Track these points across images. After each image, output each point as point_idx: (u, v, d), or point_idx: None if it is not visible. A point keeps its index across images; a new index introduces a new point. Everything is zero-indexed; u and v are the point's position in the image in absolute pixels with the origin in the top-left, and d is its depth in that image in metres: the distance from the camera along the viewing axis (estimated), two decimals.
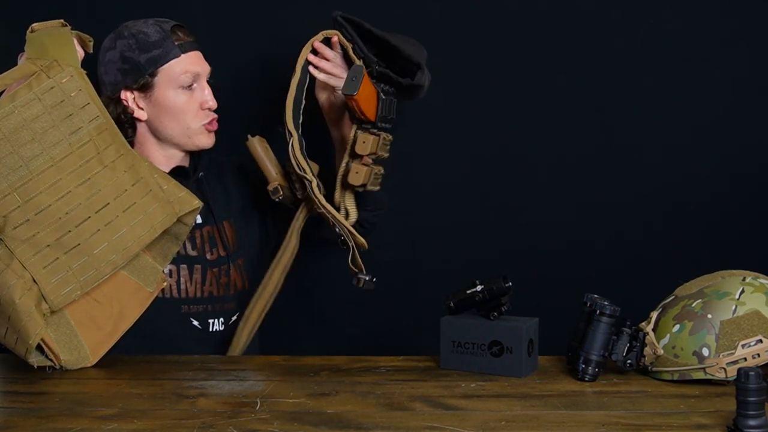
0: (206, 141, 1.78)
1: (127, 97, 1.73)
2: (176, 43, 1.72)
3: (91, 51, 1.61)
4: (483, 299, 1.50)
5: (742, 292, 1.41)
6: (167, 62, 1.71)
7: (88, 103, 1.52)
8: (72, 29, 1.58)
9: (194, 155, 1.83)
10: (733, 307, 1.39)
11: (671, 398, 1.33)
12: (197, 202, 1.58)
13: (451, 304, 1.54)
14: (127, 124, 1.74)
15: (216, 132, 1.80)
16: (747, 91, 2.07)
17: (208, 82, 1.77)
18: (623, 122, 2.08)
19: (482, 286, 1.50)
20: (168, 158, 1.78)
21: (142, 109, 1.74)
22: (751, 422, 1.13)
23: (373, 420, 1.24)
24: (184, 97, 1.73)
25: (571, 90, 2.08)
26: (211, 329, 1.77)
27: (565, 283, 2.02)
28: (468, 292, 1.51)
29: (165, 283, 1.62)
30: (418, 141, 2.09)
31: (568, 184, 2.09)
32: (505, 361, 1.47)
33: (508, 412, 1.27)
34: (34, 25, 1.55)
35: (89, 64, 1.65)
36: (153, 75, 1.71)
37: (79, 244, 1.47)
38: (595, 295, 1.46)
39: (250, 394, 1.37)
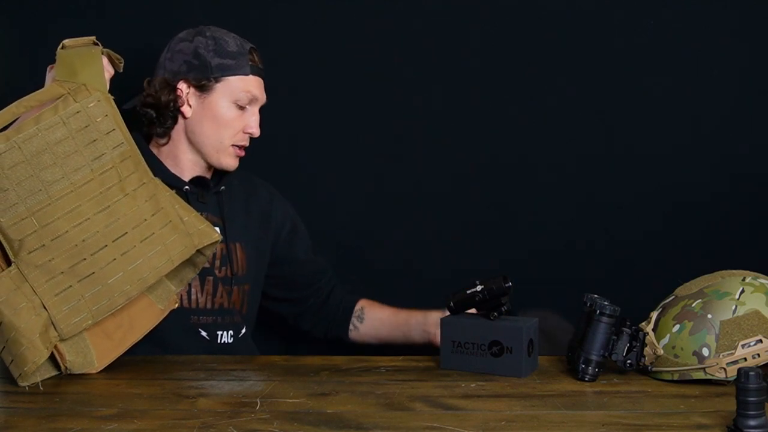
0: (231, 162, 1.77)
1: (183, 90, 1.73)
2: (249, 63, 1.73)
3: (122, 71, 1.59)
4: (483, 299, 1.50)
5: (742, 292, 1.41)
6: (234, 75, 1.72)
7: (114, 129, 1.49)
8: (103, 47, 1.55)
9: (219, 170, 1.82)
10: (733, 307, 1.39)
11: (671, 398, 1.33)
12: (217, 236, 1.55)
13: (451, 304, 1.54)
14: (170, 113, 1.74)
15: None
16: (747, 91, 2.07)
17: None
18: (623, 123, 2.08)
19: (482, 286, 1.50)
20: (193, 164, 1.77)
21: (190, 106, 1.74)
22: (751, 422, 1.13)
23: (373, 420, 1.24)
24: (233, 114, 1.73)
25: (571, 91, 2.08)
26: (219, 341, 1.76)
27: (565, 283, 2.01)
28: (468, 292, 1.51)
29: (176, 305, 1.59)
30: (417, 142, 2.09)
31: (568, 185, 2.09)
32: (505, 361, 1.47)
33: (508, 412, 1.27)
34: (65, 41, 1.52)
35: (128, 67, 1.63)
36: (217, 80, 1.72)
37: (93, 273, 1.44)
38: (595, 295, 1.46)
39: (250, 394, 1.37)
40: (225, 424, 1.22)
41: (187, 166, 1.77)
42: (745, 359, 1.37)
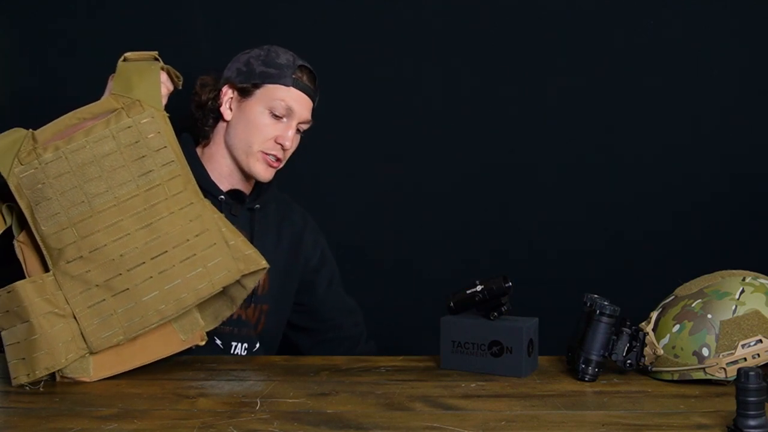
0: (260, 168, 1.74)
1: (227, 92, 1.75)
2: (293, 76, 1.73)
3: (181, 87, 1.59)
4: (483, 299, 1.50)
5: (742, 292, 1.41)
6: (274, 84, 1.73)
7: (164, 147, 1.48)
8: (163, 63, 1.55)
9: (258, 186, 1.82)
10: (733, 307, 1.39)
11: (671, 398, 1.33)
12: (264, 263, 1.53)
13: (451, 304, 1.54)
14: (211, 114, 1.75)
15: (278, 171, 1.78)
16: (747, 91, 2.07)
17: (299, 131, 1.77)
18: (623, 122, 2.08)
19: (482, 286, 1.50)
20: (230, 171, 1.77)
21: (231, 110, 1.75)
22: (751, 422, 1.13)
23: (373, 420, 1.24)
24: (266, 120, 1.73)
25: (571, 91, 2.08)
26: (232, 351, 1.75)
27: (565, 283, 2.02)
28: (468, 292, 1.51)
29: (203, 342, 1.55)
30: (417, 142, 2.09)
31: (568, 185, 2.09)
32: (505, 361, 1.47)
33: (508, 412, 1.27)
34: (127, 54, 1.52)
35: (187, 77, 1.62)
36: (257, 86, 1.73)
37: (128, 289, 1.43)
38: (595, 295, 1.46)
39: (250, 394, 1.37)
40: (225, 424, 1.22)
41: (225, 172, 1.77)
42: (745, 359, 1.37)
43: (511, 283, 1.49)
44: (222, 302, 1.55)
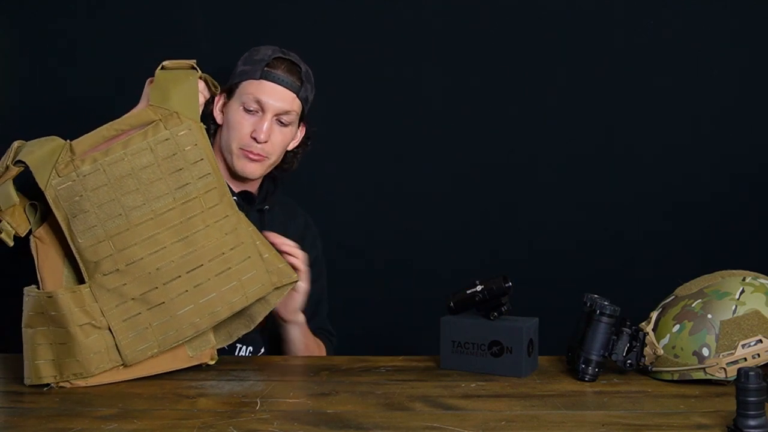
0: (244, 164, 1.72)
1: (219, 97, 1.75)
2: (265, 69, 1.72)
3: (217, 94, 1.58)
4: (483, 299, 1.50)
5: (742, 292, 1.41)
6: (246, 80, 1.72)
7: (201, 159, 1.47)
8: (200, 71, 1.53)
9: (263, 186, 1.81)
10: (733, 307, 1.39)
11: (671, 398, 1.33)
12: (295, 276, 1.54)
13: (451, 304, 1.54)
14: (211, 119, 1.75)
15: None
16: (747, 91, 2.07)
17: (284, 124, 1.74)
18: (623, 122, 2.08)
19: (482, 286, 1.50)
20: (227, 176, 1.75)
21: (221, 113, 1.76)
22: (751, 422, 1.13)
23: (373, 420, 1.24)
24: (239, 117, 1.72)
25: (571, 90, 2.08)
26: (236, 353, 1.74)
27: (565, 283, 2.02)
28: (468, 292, 1.51)
29: (212, 361, 1.52)
30: (417, 142, 2.09)
31: (568, 185, 2.09)
32: (505, 361, 1.47)
33: (508, 412, 1.27)
34: (165, 62, 1.51)
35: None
36: (236, 86, 1.73)
37: (163, 302, 1.43)
38: (595, 295, 1.46)
39: (250, 394, 1.37)
40: (225, 424, 1.22)
41: (226, 175, 1.76)
42: (745, 359, 1.37)
43: (511, 283, 1.48)
44: (240, 321, 1.55)
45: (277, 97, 1.73)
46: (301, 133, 1.84)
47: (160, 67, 1.51)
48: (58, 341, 1.41)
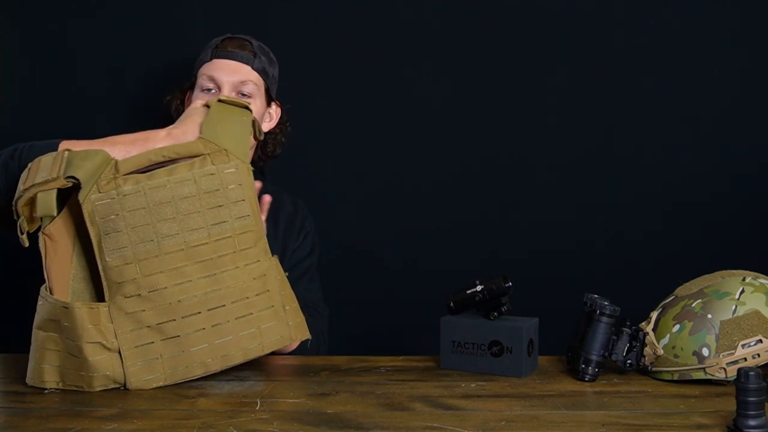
0: None
1: (188, 93, 1.80)
2: (215, 49, 1.75)
3: (261, 139, 1.58)
4: (483, 299, 1.50)
5: (742, 292, 1.41)
6: (201, 65, 1.76)
7: (243, 200, 1.46)
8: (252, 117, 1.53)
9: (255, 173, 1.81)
10: (733, 307, 1.39)
11: (671, 398, 1.33)
12: (308, 335, 1.52)
13: (451, 304, 1.54)
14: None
15: None
16: (747, 91, 2.07)
17: (244, 94, 1.74)
18: (623, 122, 2.08)
19: (482, 286, 1.50)
20: None
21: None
22: (751, 422, 1.13)
23: (373, 420, 1.24)
24: (200, 98, 1.74)
25: (570, 90, 2.08)
26: None
27: (565, 283, 2.02)
28: (468, 292, 1.51)
29: None
30: (418, 142, 2.09)
31: (568, 184, 2.09)
32: (505, 361, 1.47)
33: (508, 412, 1.27)
34: (222, 96, 1.51)
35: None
36: (196, 76, 1.77)
37: (179, 336, 1.40)
38: (595, 295, 1.46)
39: (250, 394, 1.37)
40: (225, 424, 1.22)
41: None
42: (745, 359, 1.37)
43: (511, 283, 1.48)
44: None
45: (229, 70, 1.75)
46: (276, 114, 1.84)
47: (217, 99, 1.51)
48: (67, 350, 1.40)
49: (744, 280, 1.43)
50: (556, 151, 2.09)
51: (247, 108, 1.51)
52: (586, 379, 1.43)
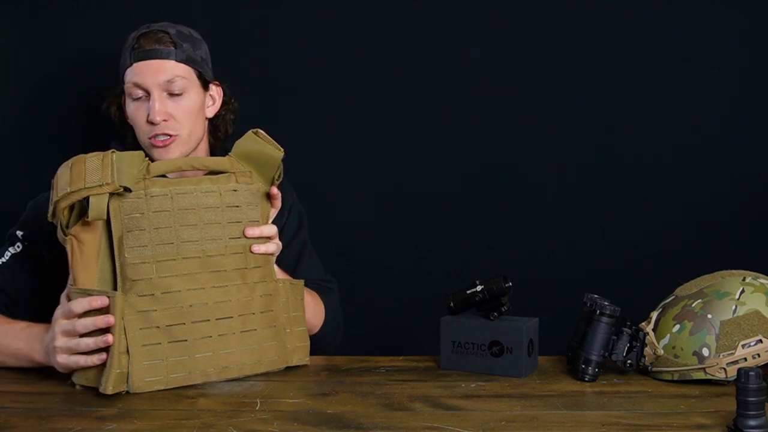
0: (160, 155, 1.64)
1: (123, 99, 1.70)
2: (132, 52, 1.64)
3: (279, 182, 1.58)
4: (483, 299, 1.50)
5: (742, 292, 1.41)
6: (124, 71, 1.66)
7: (257, 221, 1.51)
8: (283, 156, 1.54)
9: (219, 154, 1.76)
10: (733, 307, 1.39)
11: (671, 398, 1.33)
12: (308, 360, 1.55)
13: (451, 304, 1.54)
14: (129, 126, 1.69)
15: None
16: (747, 91, 2.07)
17: (175, 93, 1.64)
18: (623, 124, 2.08)
19: (482, 286, 1.50)
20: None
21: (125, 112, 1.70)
22: (751, 422, 1.13)
23: (373, 420, 1.24)
24: (132, 109, 1.65)
25: (570, 92, 2.08)
26: None
27: (565, 283, 2.02)
28: (468, 292, 1.51)
29: None
30: (419, 145, 2.09)
31: (569, 185, 2.09)
32: (505, 361, 1.47)
33: (508, 412, 1.27)
34: (260, 131, 1.53)
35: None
36: (123, 82, 1.66)
37: (186, 340, 1.42)
38: (595, 295, 1.46)
39: (250, 394, 1.37)
40: (225, 424, 1.22)
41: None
42: (745, 359, 1.37)
43: (511, 283, 1.49)
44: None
45: (151, 72, 1.62)
46: (219, 95, 1.75)
47: (254, 130, 1.53)
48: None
49: (744, 280, 1.43)
50: (556, 151, 2.09)
51: (280, 150, 1.53)
52: (586, 379, 1.43)
